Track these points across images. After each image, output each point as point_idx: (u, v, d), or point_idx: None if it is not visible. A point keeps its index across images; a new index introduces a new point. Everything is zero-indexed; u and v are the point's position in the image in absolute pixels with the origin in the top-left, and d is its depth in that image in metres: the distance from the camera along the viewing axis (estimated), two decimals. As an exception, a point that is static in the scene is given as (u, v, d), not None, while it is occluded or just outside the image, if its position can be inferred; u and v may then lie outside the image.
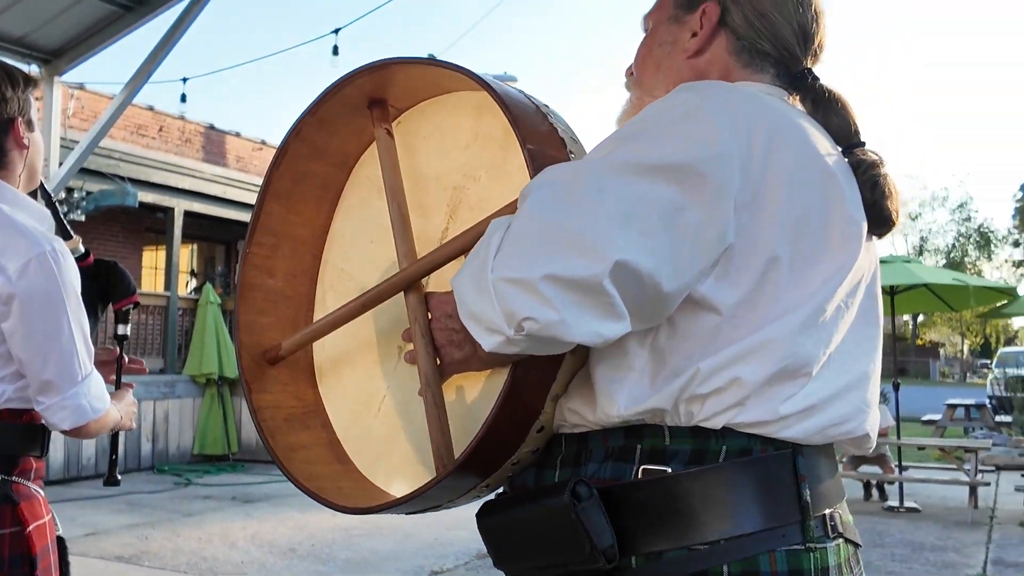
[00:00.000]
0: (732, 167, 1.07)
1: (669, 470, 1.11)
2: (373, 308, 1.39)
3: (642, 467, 1.12)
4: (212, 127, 15.16)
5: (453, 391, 1.32)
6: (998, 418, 15.84)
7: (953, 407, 15.84)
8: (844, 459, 9.73)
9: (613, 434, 1.16)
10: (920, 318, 42.90)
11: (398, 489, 1.38)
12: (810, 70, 1.30)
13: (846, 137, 1.26)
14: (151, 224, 14.53)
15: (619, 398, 1.12)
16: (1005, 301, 11.49)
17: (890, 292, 10.42)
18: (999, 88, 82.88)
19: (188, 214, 13.24)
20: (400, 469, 1.40)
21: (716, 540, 1.08)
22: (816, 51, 1.32)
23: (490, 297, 1.01)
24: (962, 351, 48.14)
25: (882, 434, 9.69)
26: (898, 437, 9.99)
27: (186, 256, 15.02)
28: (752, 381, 1.09)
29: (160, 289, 13.71)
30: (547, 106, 1.28)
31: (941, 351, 50.44)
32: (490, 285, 1.01)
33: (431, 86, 1.42)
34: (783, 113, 1.19)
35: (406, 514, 1.31)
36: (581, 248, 1.00)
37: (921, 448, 10.84)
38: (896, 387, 10.22)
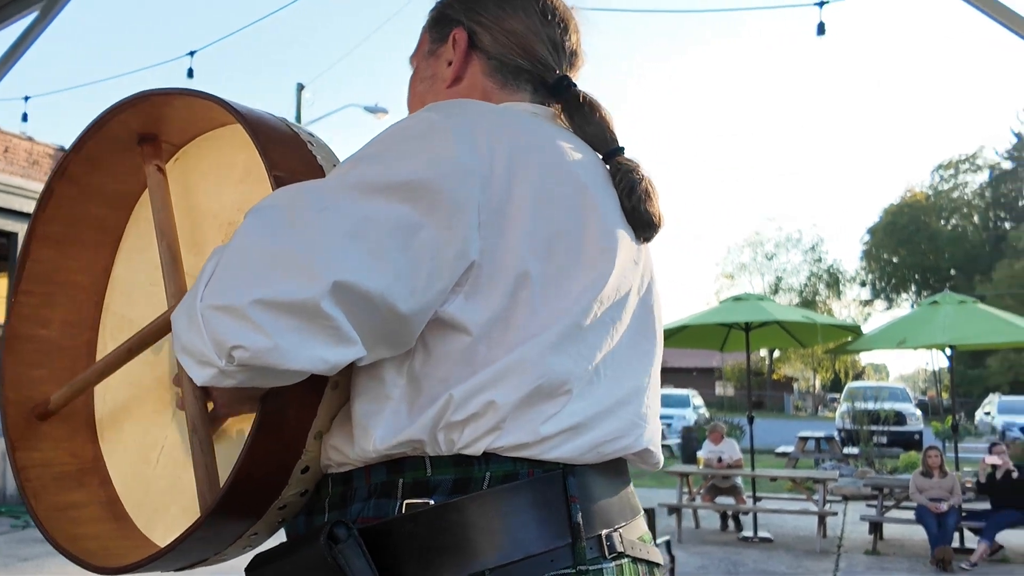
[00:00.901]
0: (471, 184, 1.04)
1: (432, 502, 1.06)
2: (147, 352, 1.30)
3: (405, 501, 1.07)
4: (63, 149, 14.45)
5: (232, 435, 1.23)
6: (846, 450, 16.61)
7: (804, 439, 16.53)
8: (702, 491, 9.98)
9: (376, 470, 1.10)
10: (776, 353, 44.68)
11: None
12: (566, 76, 1.30)
13: (603, 144, 1.26)
14: (-8, 250, 13.68)
15: (376, 431, 1.07)
16: (850, 338, 12.06)
17: (745, 328, 10.81)
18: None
19: (34, 240, 12.52)
20: (179, 522, 1.29)
21: (481, 571, 1.03)
22: (571, 59, 1.32)
23: (199, 327, 0.96)
24: (814, 386, 50.35)
25: (735, 466, 10.00)
26: (752, 469, 10.32)
27: (31, 284, 14.13)
28: (507, 403, 1.05)
29: (1, 319, 12.89)
30: (312, 135, 1.24)
31: (795, 385, 52.57)
32: (199, 315, 0.96)
33: (202, 119, 1.34)
34: (533, 129, 1.17)
35: (175, 571, 1.21)
36: (294, 269, 0.96)
37: (774, 479, 11.22)
38: (751, 420, 10.57)
